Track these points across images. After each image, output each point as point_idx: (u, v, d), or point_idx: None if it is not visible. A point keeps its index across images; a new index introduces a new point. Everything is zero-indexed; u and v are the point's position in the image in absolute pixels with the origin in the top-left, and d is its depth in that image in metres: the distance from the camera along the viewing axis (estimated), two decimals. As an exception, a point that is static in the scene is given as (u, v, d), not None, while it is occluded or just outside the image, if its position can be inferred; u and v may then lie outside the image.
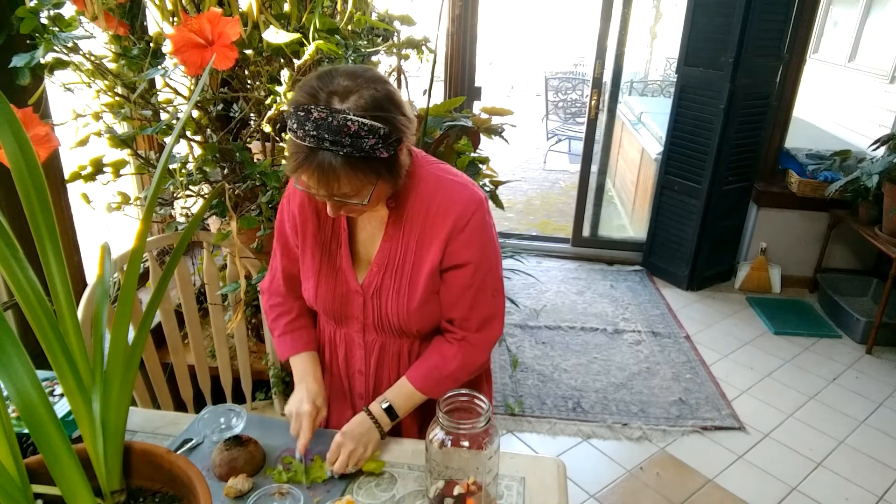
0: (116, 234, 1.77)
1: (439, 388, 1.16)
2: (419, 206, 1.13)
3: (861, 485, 2.38)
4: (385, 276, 1.16)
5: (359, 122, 0.93)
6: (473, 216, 1.12)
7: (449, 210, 1.11)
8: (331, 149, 0.93)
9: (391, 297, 1.16)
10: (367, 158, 0.96)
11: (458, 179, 1.16)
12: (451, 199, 1.12)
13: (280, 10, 1.59)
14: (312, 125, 0.93)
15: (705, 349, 3.23)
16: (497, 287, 1.20)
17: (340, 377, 1.31)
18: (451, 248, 1.12)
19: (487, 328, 1.20)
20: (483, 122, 2.19)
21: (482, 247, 1.14)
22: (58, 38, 1.36)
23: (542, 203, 5.65)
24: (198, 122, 1.74)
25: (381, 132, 0.95)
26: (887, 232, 3.19)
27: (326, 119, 0.92)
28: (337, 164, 0.94)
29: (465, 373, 1.20)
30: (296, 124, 0.94)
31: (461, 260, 1.13)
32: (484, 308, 1.18)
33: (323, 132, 0.92)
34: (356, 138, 0.93)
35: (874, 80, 4.35)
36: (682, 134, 3.67)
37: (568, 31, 11.75)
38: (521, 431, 2.59)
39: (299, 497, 1.02)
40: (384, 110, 0.96)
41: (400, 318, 1.17)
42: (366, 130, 0.94)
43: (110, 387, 0.74)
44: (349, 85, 0.96)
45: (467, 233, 1.12)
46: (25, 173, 0.70)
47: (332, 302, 1.21)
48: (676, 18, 4.46)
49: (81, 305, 1.43)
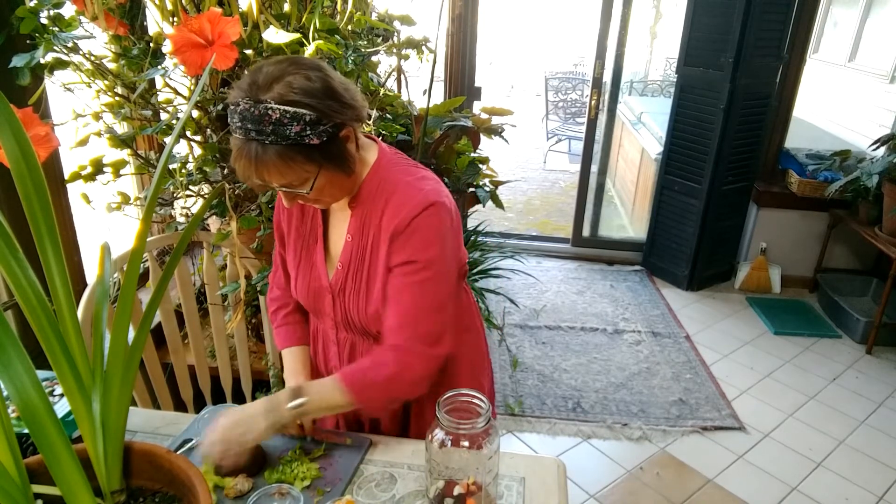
0: (116, 234, 1.77)
1: (366, 393, 1.09)
2: (377, 209, 1.12)
3: (861, 485, 2.37)
4: (348, 277, 1.17)
5: (280, 109, 0.94)
6: (417, 217, 1.06)
7: (398, 212, 1.08)
8: (257, 139, 0.95)
9: (353, 297, 1.17)
10: (296, 145, 0.97)
11: (416, 183, 1.11)
12: (401, 202, 1.08)
13: (280, 10, 1.59)
14: (238, 117, 0.96)
15: (705, 349, 3.23)
16: (442, 303, 1.10)
17: (321, 371, 1.33)
18: (392, 248, 1.09)
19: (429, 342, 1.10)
20: (483, 122, 2.19)
21: (423, 249, 1.07)
22: (58, 38, 1.36)
23: (542, 203, 5.65)
24: (198, 122, 1.74)
25: (306, 118, 0.96)
26: (887, 232, 3.18)
27: (249, 110, 0.94)
28: (264, 154, 0.96)
29: (397, 384, 1.10)
30: (229, 118, 0.98)
31: (399, 259, 1.08)
32: (426, 320, 1.09)
33: (247, 123, 0.95)
34: (278, 126, 0.94)
35: (874, 80, 4.34)
36: (682, 134, 3.67)
37: (568, 31, 11.75)
38: (521, 431, 2.59)
39: (299, 497, 1.02)
40: (312, 97, 0.96)
41: (361, 318, 1.17)
42: (288, 118, 0.95)
43: (110, 387, 0.74)
44: (274, 73, 0.97)
45: (408, 233, 1.07)
46: (25, 173, 0.70)
47: (307, 297, 1.23)
48: (676, 18, 4.46)
49: (81, 305, 1.43)
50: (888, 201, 3.16)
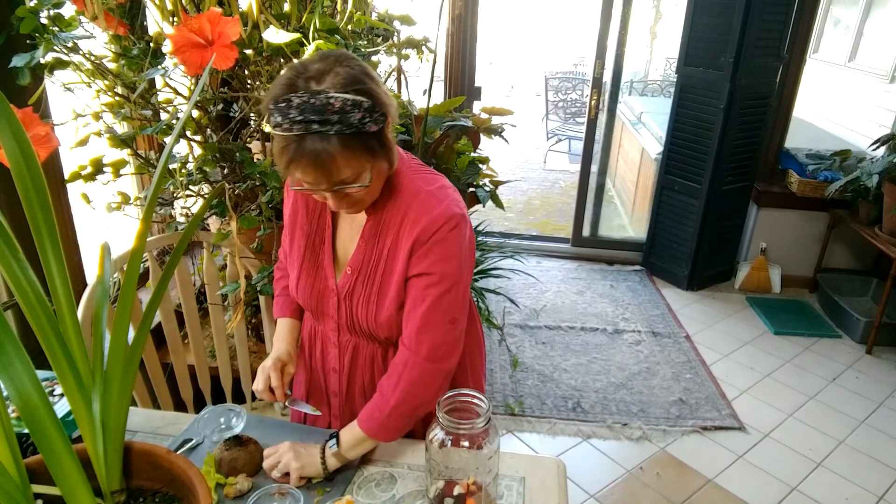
0: (116, 234, 1.77)
1: (385, 429, 1.11)
2: (395, 215, 1.11)
3: (861, 485, 2.38)
4: (357, 281, 1.15)
5: (341, 98, 0.92)
6: (440, 230, 1.07)
7: (418, 221, 1.08)
8: (320, 130, 0.91)
9: (361, 302, 1.15)
10: (359, 134, 0.94)
11: (437, 193, 1.11)
12: (422, 211, 1.08)
13: (280, 10, 1.59)
14: (296, 111, 0.91)
15: (705, 349, 3.23)
16: (456, 316, 1.11)
17: (318, 373, 1.32)
18: (413, 259, 1.09)
19: (437, 357, 1.10)
20: (483, 122, 2.19)
21: (442, 261, 1.08)
22: (58, 38, 1.36)
23: (542, 203, 5.65)
24: (198, 122, 1.74)
25: (364, 105, 0.94)
26: (887, 232, 3.19)
27: (308, 101, 0.91)
28: (331, 147, 0.92)
29: (408, 406, 1.10)
30: (279, 117, 0.92)
31: (417, 270, 1.09)
32: (436, 333, 1.10)
33: (308, 115, 0.90)
34: (343, 114, 0.91)
35: (874, 80, 4.34)
36: (682, 134, 3.67)
37: (568, 31, 11.75)
38: (521, 431, 2.59)
39: (299, 497, 1.02)
40: (362, 83, 0.95)
41: (369, 323, 1.15)
42: (350, 105, 0.92)
43: (110, 387, 0.74)
44: (322, 67, 0.95)
45: (429, 245, 1.07)
46: (25, 173, 0.70)
47: (310, 297, 1.21)
48: (676, 18, 4.46)
49: (81, 305, 1.43)
50: (888, 201, 3.16)
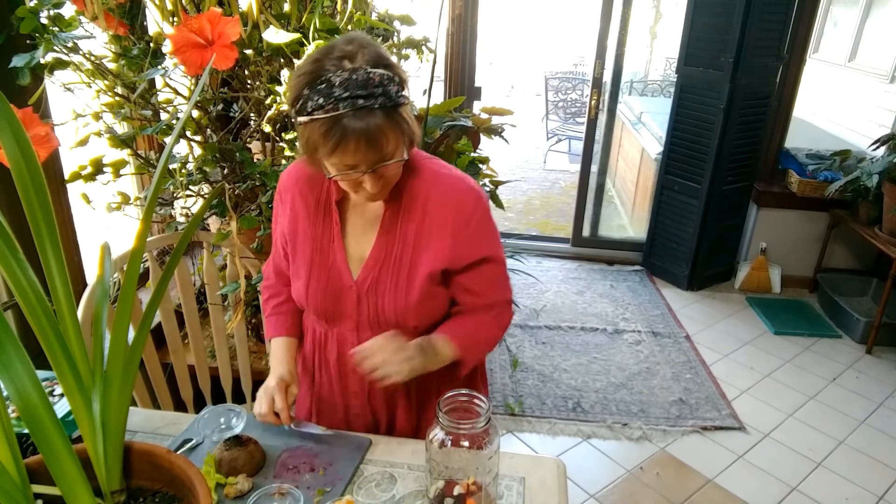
0: (116, 234, 1.77)
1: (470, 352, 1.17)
2: (416, 200, 1.13)
3: (861, 485, 2.38)
4: (382, 271, 1.15)
5: (378, 72, 0.94)
6: (476, 210, 1.12)
7: (448, 204, 1.11)
8: (366, 105, 0.93)
9: (388, 292, 1.14)
10: (397, 107, 0.97)
11: (456, 174, 1.16)
12: (450, 193, 1.12)
13: (280, 10, 1.59)
14: (340, 89, 0.92)
15: (705, 349, 3.23)
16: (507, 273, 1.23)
17: (331, 379, 1.28)
18: (461, 245, 1.12)
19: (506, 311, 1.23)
20: (483, 122, 2.19)
21: (493, 239, 1.17)
22: (58, 38, 1.36)
23: (542, 203, 5.65)
24: (198, 122, 1.74)
25: (396, 79, 0.97)
26: (887, 232, 3.19)
27: (350, 77, 0.92)
28: (378, 120, 0.94)
29: (493, 342, 1.23)
30: (321, 98, 0.93)
31: (478, 256, 1.14)
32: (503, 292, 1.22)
33: (353, 90, 0.92)
34: (383, 86, 0.94)
35: (874, 80, 4.34)
36: (682, 134, 3.67)
37: (568, 31, 11.75)
38: (521, 431, 2.59)
39: (299, 497, 1.02)
40: (387, 59, 0.98)
41: (397, 313, 1.15)
42: (387, 79, 0.95)
43: (110, 387, 0.74)
44: (350, 49, 0.97)
45: (474, 227, 1.12)
46: (25, 173, 0.70)
47: (323, 300, 1.18)
48: (676, 18, 4.46)
49: (81, 305, 1.43)
50: (888, 201, 3.16)
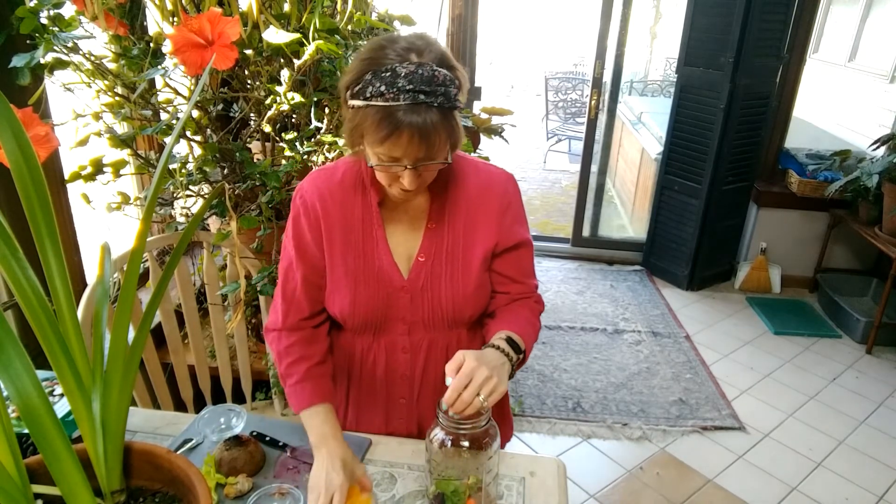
0: (116, 234, 1.77)
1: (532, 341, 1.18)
2: (460, 191, 1.15)
3: (861, 485, 2.38)
4: (435, 266, 1.14)
5: (442, 72, 0.94)
6: (516, 194, 1.17)
7: (491, 190, 1.15)
8: (426, 101, 0.92)
9: (444, 285, 1.14)
10: (451, 109, 0.96)
11: (480, 160, 1.19)
12: (492, 180, 1.16)
13: (280, 10, 1.59)
14: (405, 80, 0.91)
15: (705, 349, 3.23)
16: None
17: (375, 388, 1.24)
18: (505, 228, 1.15)
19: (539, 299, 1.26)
20: (483, 122, 2.19)
21: (526, 223, 1.21)
22: (58, 38, 1.36)
23: (542, 203, 5.65)
24: (198, 122, 1.74)
25: (456, 82, 0.96)
26: (887, 232, 3.18)
27: (416, 71, 0.92)
28: (434, 118, 0.93)
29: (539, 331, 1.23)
30: (383, 86, 0.91)
31: (519, 238, 1.17)
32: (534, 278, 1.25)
33: (418, 84, 0.91)
34: (445, 87, 0.93)
35: (874, 80, 4.34)
36: (682, 134, 3.67)
37: (568, 31, 11.74)
38: (521, 431, 2.59)
39: (299, 497, 1.02)
40: (451, 62, 0.98)
41: (455, 305, 1.15)
42: (449, 80, 0.94)
43: (110, 387, 0.74)
44: (419, 44, 0.96)
45: (514, 210, 1.17)
46: (25, 173, 0.70)
47: (376, 308, 1.14)
48: (676, 18, 4.46)
49: (81, 305, 1.42)
50: (888, 201, 3.16)
